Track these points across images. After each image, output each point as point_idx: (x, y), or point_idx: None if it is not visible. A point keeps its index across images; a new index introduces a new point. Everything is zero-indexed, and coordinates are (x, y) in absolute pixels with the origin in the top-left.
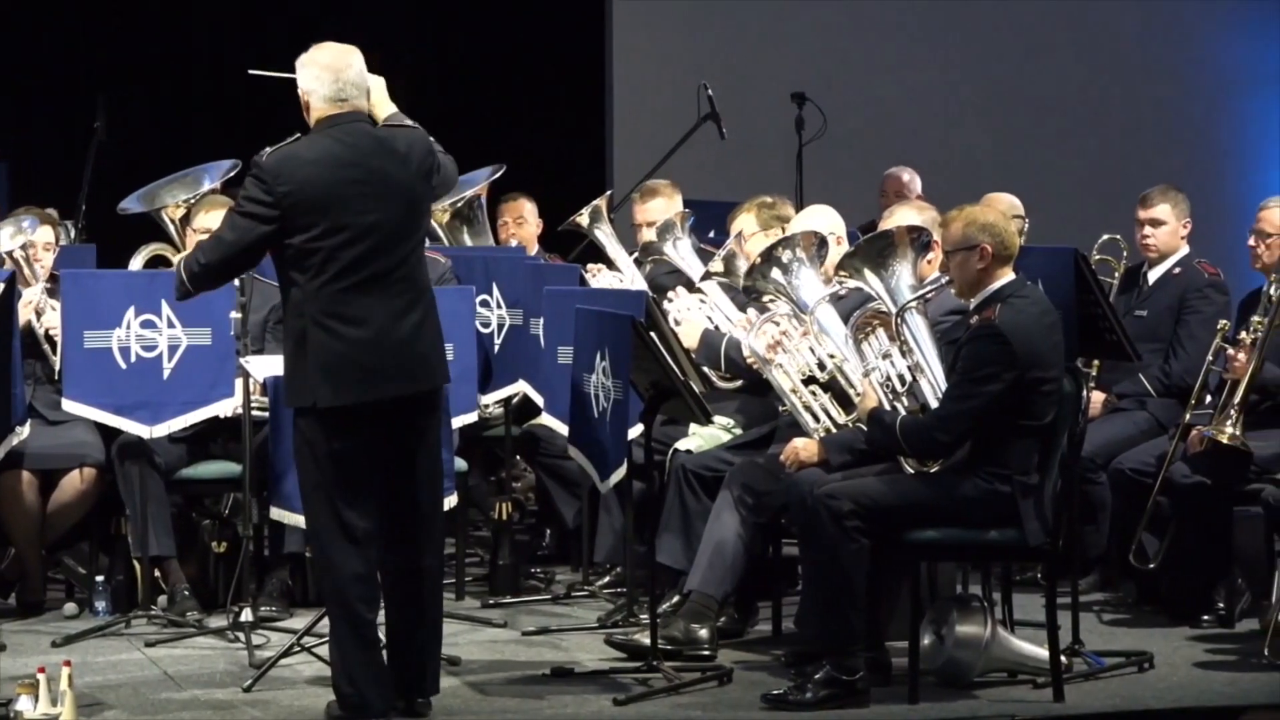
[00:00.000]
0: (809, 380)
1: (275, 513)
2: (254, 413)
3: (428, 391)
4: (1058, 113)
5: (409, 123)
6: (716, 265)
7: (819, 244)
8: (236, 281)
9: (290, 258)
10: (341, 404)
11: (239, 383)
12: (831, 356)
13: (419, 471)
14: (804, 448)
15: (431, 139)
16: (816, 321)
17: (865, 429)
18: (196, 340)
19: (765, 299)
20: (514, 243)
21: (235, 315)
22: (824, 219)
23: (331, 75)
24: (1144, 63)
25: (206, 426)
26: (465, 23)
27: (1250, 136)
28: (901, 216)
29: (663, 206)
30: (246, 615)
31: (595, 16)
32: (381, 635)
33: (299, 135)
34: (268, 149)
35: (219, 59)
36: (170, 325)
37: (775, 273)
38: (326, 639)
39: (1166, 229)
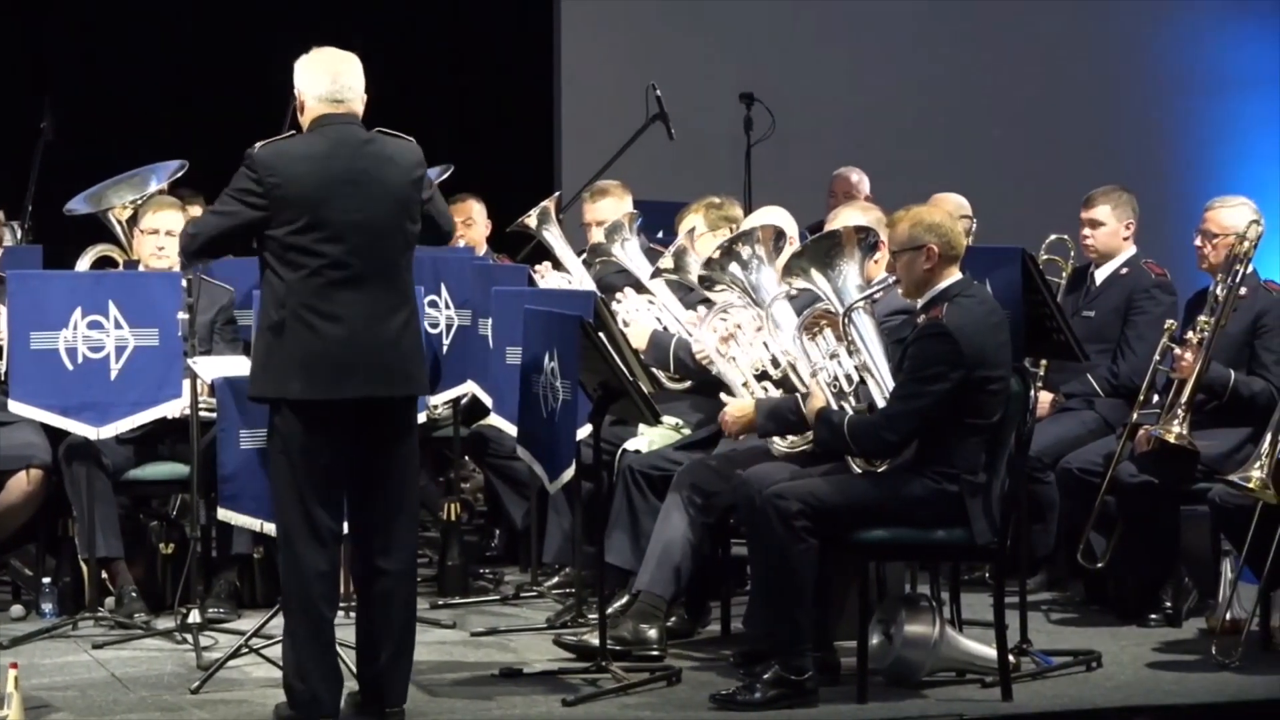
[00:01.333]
0: (761, 376)
1: (223, 514)
2: (202, 414)
3: (403, 398)
4: (1005, 113)
5: (402, 135)
6: (667, 261)
7: (776, 238)
8: (184, 282)
9: (274, 250)
10: (311, 398)
11: (186, 384)
12: (785, 353)
13: (392, 477)
14: (738, 407)
15: (423, 157)
16: (772, 317)
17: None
18: (144, 341)
19: (718, 289)
20: (462, 244)
21: (183, 316)
22: (775, 220)
23: (329, 76)
24: (1092, 64)
25: (154, 428)
26: (413, 22)
27: (1197, 138)
28: (846, 218)
29: (612, 207)
30: (194, 617)
31: (543, 16)
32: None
33: (294, 133)
34: (260, 143)
35: (166, 59)
36: (117, 326)
37: (734, 267)
38: (275, 640)
39: (1106, 230)
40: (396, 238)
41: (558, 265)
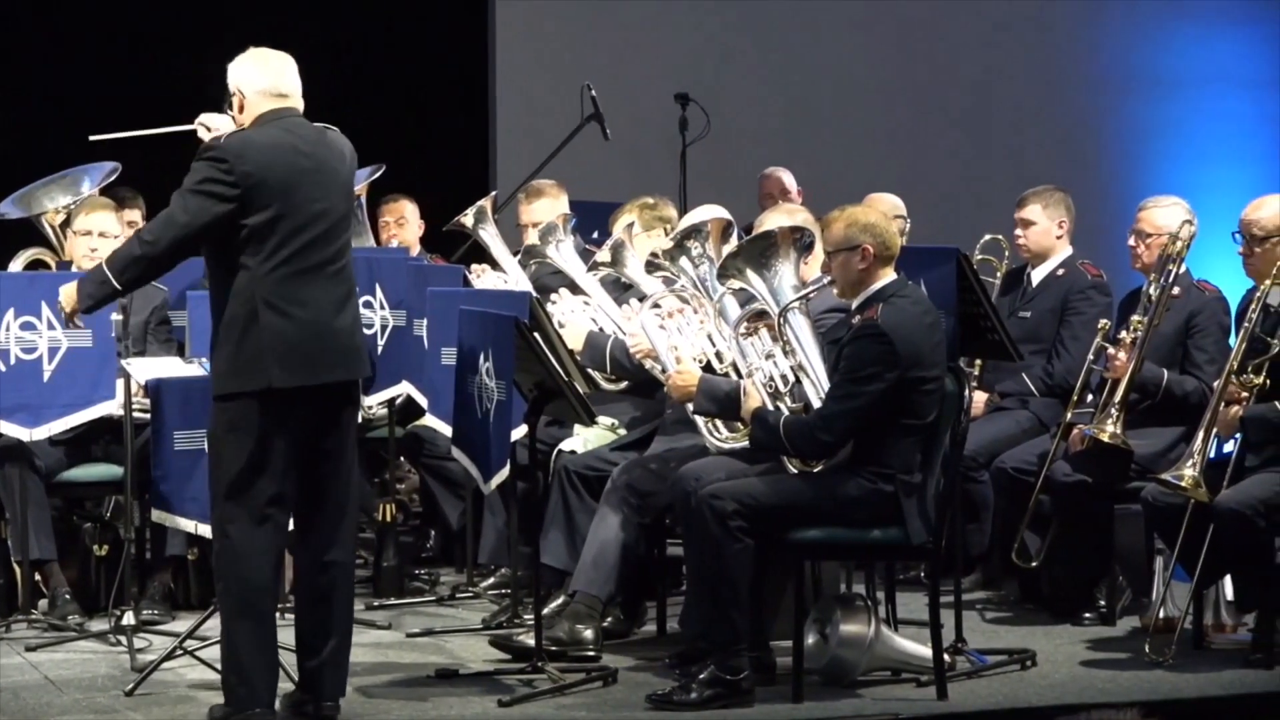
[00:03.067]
0: (705, 368)
1: (157, 515)
2: (135, 415)
3: (355, 382)
4: (940, 113)
5: (333, 128)
6: (604, 256)
7: (724, 231)
8: None
9: (243, 240)
10: (293, 385)
11: (120, 385)
12: (728, 349)
13: (339, 465)
14: (682, 377)
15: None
16: (723, 308)
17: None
18: (77, 343)
19: (659, 274)
20: (395, 244)
21: (116, 317)
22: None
23: (270, 71)
24: (1027, 62)
25: (87, 429)
26: (346, 21)
27: (1131, 138)
28: (774, 220)
29: (548, 207)
30: (128, 619)
31: (478, 16)
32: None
33: (245, 128)
34: (222, 136)
35: (94, 60)
36: (50, 327)
37: (683, 261)
38: (209, 642)
39: (1038, 229)
40: (346, 229)
41: (494, 265)
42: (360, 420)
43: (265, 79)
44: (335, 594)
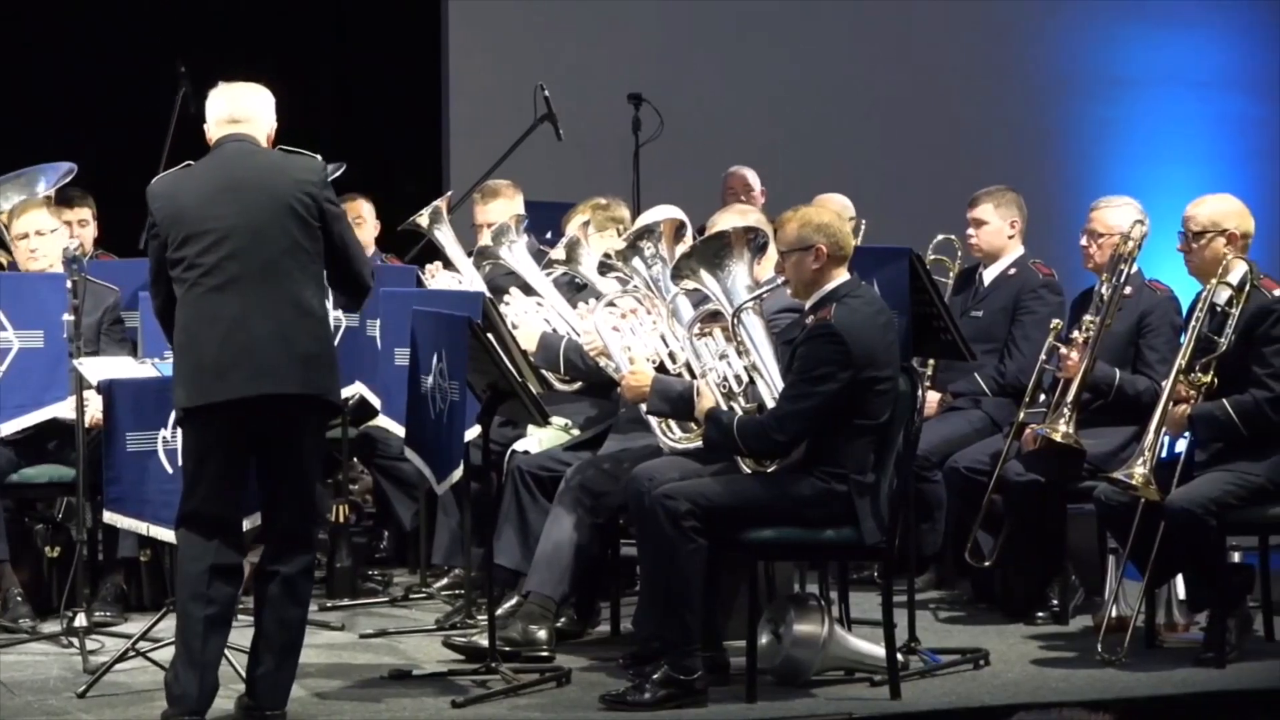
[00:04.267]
0: (659, 368)
1: (109, 516)
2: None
3: (289, 397)
4: (893, 113)
5: (304, 152)
6: (559, 253)
7: (677, 231)
8: (69, 283)
9: (174, 274)
10: (195, 404)
11: (72, 385)
12: (683, 349)
13: (286, 481)
14: (636, 377)
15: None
16: (676, 309)
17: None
18: (29, 343)
19: (612, 275)
20: None
21: (68, 318)
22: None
23: (226, 100)
24: (980, 63)
25: (38, 430)
26: (299, 20)
27: (1083, 137)
28: (726, 221)
29: (504, 208)
30: (81, 620)
31: (431, 16)
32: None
33: (189, 163)
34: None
35: (54, 57)
36: (1, 328)
37: (636, 261)
38: (162, 644)
39: (989, 229)
40: (279, 240)
41: (448, 265)
42: None
43: (221, 107)
44: (272, 605)
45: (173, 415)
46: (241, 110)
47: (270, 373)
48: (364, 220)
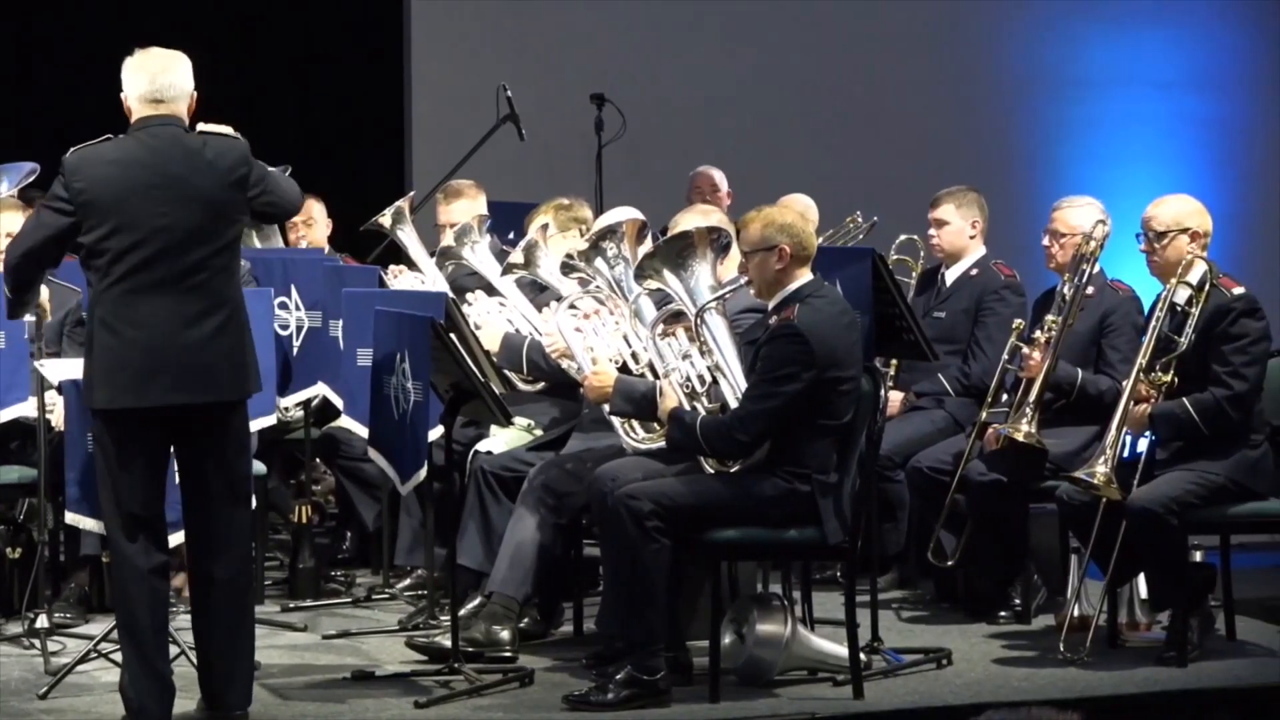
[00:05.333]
0: (621, 369)
1: (71, 517)
2: (49, 416)
3: (216, 404)
4: (856, 113)
5: (229, 133)
6: (517, 257)
7: (639, 232)
8: None
9: (84, 258)
10: (114, 407)
11: (34, 386)
12: (645, 350)
13: (211, 484)
14: (599, 378)
15: (249, 154)
16: (639, 309)
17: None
18: None
19: (574, 275)
20: (304, 244)
21: (30, 319)
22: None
23: (147, 76)
24: (942, 63)
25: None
26: (260, 17)
27: (1045, 137)
28: (688, 222)
29: (467, 208)
30: (42, 622)
31: (394, 15)
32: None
33: (109, 136)
34: (73, 148)
35: (14, 61)
36: None
37: (599, 262)
38: None
39: (950, 229)
40: (208, 243)
41: (411, 266)
42: (275, 422)
43: (142, 84)
44: (225, 607)
45: None
46: (166, 89)
47: (200, 380)
48: (315, 221)
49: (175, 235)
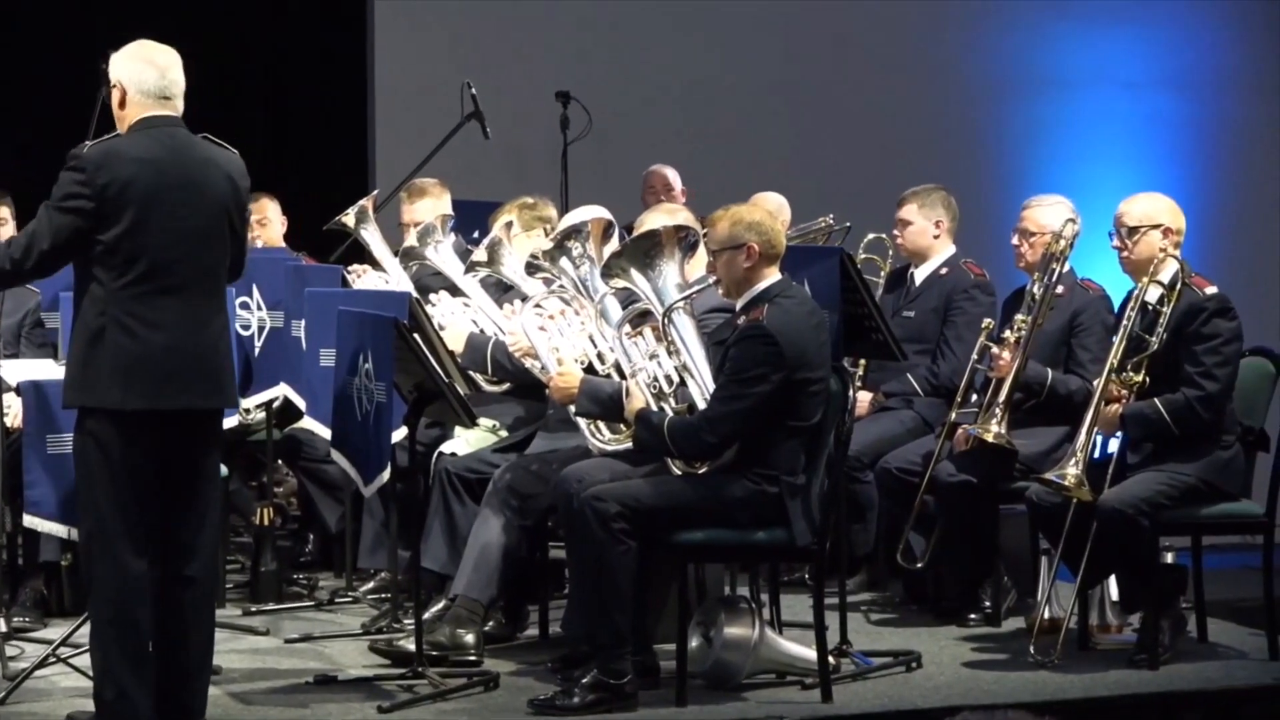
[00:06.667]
0: (587, 370)
1: (29, 520)
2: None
3: (217, 410)
4: (826, 111)
5: (227, 146)
6: (481, 255)
7: (605, 231)
8: None
9: (99, 254)
10: (133, 408)
11: None
12: (611, 350)
13: (201, 488)
14: (564, 378)
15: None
16: (604, 309)
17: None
18: None
19: (539, 276)
20: (259, 244)
21: None
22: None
23: (157, 71)
24: (911, 62)
25: None
26: (224, 16)
27: (1014, 136)
28: (655, 220)
29: (431, 207)
30: (0, 626)
31: (357, 12)
32: None
33: (118, 134)
34: (88, 142)
35: None
36: None
37: (564, 261)
38: (83, 649)
39: (913, 229)
40: (218, 247)
41: (375, 265)
42: (237, 423)
43: (150, 79)
44: (201, 611)
45: None
46: (172, 85)
47: (210, 386)
48: (270, 220)
49: (196, 237)
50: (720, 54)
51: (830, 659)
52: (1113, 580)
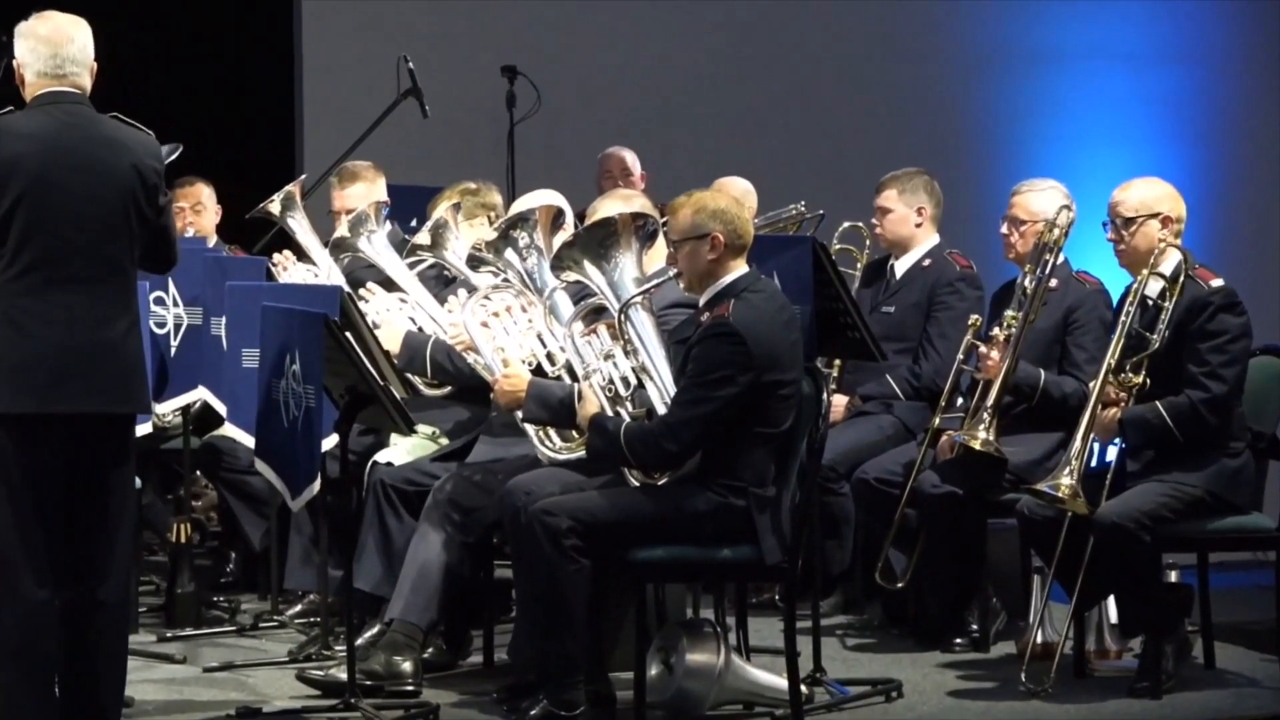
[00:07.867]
0: (536, 370)
1: None
2: None
3: (124, 416)
4: (796, 90)
5: (140, 126)
6: (424, 238)
7: (554, 220)
8: None
9: None
10: (20, 411)
11: None
12: (562, 350)
13: (110, 503)
14: (510, 381)
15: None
16: (554, 308)
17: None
18: None
19: (484, 269)
20: (191, 232)
21: None
22: (550, 202)
23: (49, 49)
24: (893, 36)
25: None
26: None
27: (1004, 116)
28: (609, 208)
29: (364, 192)
30: None
31: None
32: None
33: (12, 108)
34: None
35: None
36: None
37: (509, 253)
38: None
39: (893, 218)
40: (122, 238)
41: (302, 256)
42: (151, 430)
43: (44, 58)
44: (113, 636)
45: None
46: (68, 61)
47: (111, 389)
48: (204, 207)
49: (94, 226)
50: (681, 25)
51: (803, 688)
52: (1111, 601)
